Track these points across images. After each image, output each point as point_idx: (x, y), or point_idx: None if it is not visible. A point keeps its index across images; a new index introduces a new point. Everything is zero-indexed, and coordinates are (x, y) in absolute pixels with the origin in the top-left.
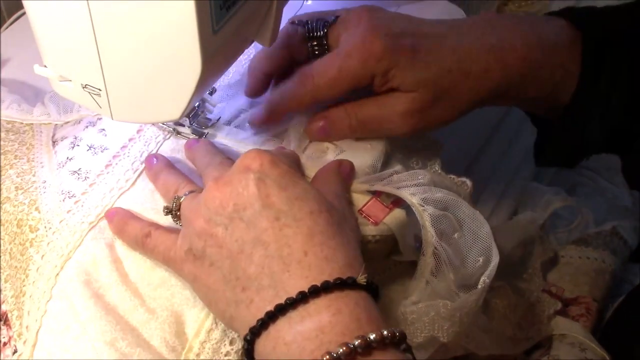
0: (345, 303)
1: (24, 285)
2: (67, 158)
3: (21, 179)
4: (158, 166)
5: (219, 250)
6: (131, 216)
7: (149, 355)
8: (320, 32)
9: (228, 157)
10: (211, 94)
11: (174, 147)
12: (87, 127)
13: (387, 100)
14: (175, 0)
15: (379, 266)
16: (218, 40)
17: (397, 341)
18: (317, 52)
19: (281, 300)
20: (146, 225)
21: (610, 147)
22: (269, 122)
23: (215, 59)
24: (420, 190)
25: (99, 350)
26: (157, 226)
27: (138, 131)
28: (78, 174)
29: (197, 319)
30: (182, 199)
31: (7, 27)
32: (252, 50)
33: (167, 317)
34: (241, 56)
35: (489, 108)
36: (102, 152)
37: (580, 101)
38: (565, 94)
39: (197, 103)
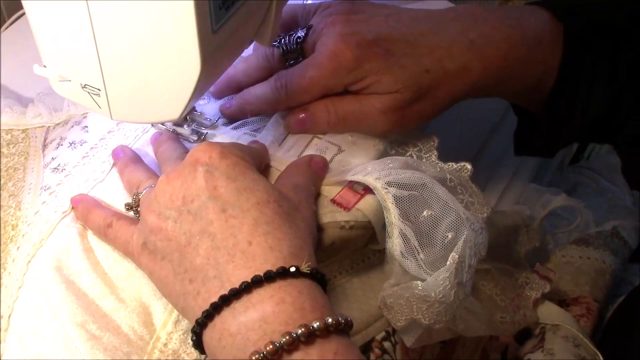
0: (289, 292)
1: (1, 278)
2: (52, 158)
3: (14, 187)
4: (123, 161)
5: (168, 243)
6: (95, 204)
7: (117, 340)
8: (296, 47)
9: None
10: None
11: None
12: (72, 126)
13: (368, 97)
14: (175, 0)
15: (358, 255)
16: (217, 40)
17: (343, 328)
18: (294, 66)
19: (225, 290)
20: (109, 215)
21: (591, 136)
22: (237, 117)
23: (214, 58)
24: (385, 174)
25: (69, 331)
26: (120, 216)
27: (118, 124)
28: (57, 169)
29: (164, 310)
30: (141, 195)
31: (7, 27)
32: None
33: (135, 307)
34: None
35: (488, 108)
36: (80, 146)
37: (561, 93)
38: (546, 88)
39: (197, 101)
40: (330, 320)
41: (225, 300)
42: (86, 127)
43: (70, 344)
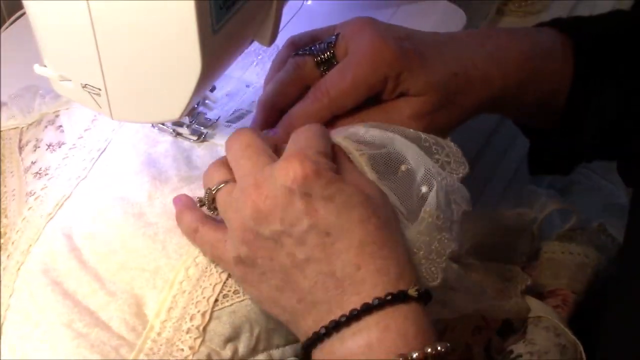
0: (394, 318)
1: None
2: (32, 162)
3: None
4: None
5: (270, 262)
6: (187, 206)
7: (106, 335)
8: (328, 53)
9: (271, 156)
10: (212, 90)
11: (132, 135)
12: (46, 126)
13: (395, 105)
14: (175, 0)
15: None
16: (218, 40)
17: (441, 356)
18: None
19: (335, 316)
20: (195, 219)
21: (605, 152)
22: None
23: (215, 58)
24: (351, 133)
25: (56, 332)
26: (205, 222)
27: (92, 121)
28: (39, 174)
29: (158, 299)
30: (214, 191)
31: (7, 27)
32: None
33: (126, 299)
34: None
35: None
36: (59, 147)
37: (575, 107)
38: (561, 101)
39: (198, 101)
40: (429, 350)
41: (335, 327)
42: (61, 126)
43: (57, 345)
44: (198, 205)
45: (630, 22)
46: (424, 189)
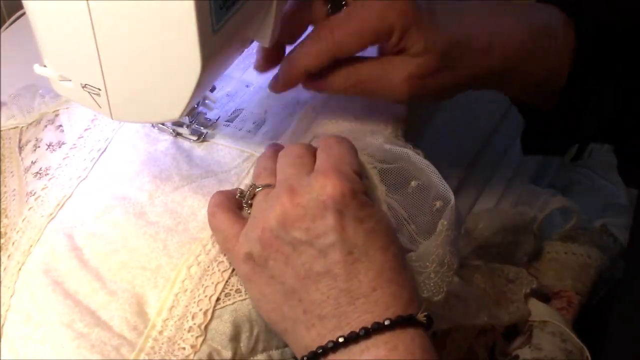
0: (402, 339)
1: None
2: (32, 162)
3: None
4: (272, 149)
5: (283, 267)
6: (223, 194)
7: (107, 335)
8: None
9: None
10: (212, 90)
11: (132, 135)
12: (46, 126)
13: (392, 62)
14: (175, 0)
15: None
16: (218, 40)
17: None
18: (336, 11)
19: (344, 332)
20: (214, 203)
21: (603, 136)
22: (287, 85)
23: (215, 58)
24: (363, 145)
25: (56, 332)
26: (225, 208)
27: (92, 120)
28: (40, 174)
29: (159, 298)
30: (257, 189)
31: (7, 27)
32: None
33: (128, 298)
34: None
35: (489, 109)
36: (59, 147)
37: (574, 88)
38: (560, 80)
39: (198, 101)
40: None
41: (344, 342)
42: (60, 126)
43: (58, 346)
44: (238, 195)
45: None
46: (438, 204)
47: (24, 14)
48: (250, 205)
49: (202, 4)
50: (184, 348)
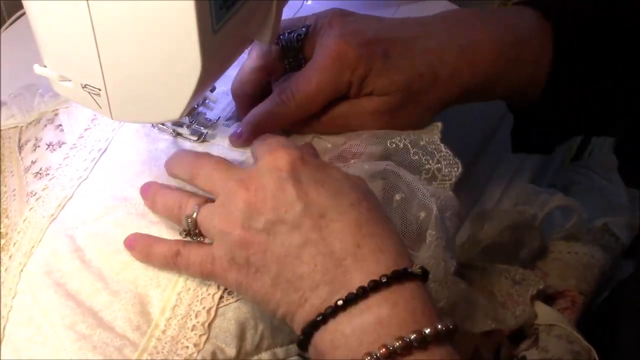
0: (402, 295)
1: None
2: (32, 162)
3: None
4: (151, 191)
5: (263, 255)
6: (154, 240)
7: (109, 336)
8: (295, 44)
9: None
10: (212, 90)
11: (132, 135)
12: (45, 125)
13: (359, 101)
14: (175, 0)
15: None
16: (218, 40)
17: (450, 334)
18: (293, 65)
19: (341, 295)
20: (172, 244)
21: (586, 130)
22: (249, 142)
23: (215, 58)
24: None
25: (58, 334)
26: (184, 243)
27: (92, 120)
28: (40, 174)
29: (162, 297)
30: (194, 215)
31: (7, 27)
32: None
33: (130, 298)
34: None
35: (488, 110)
36: (59, 147)
37: (555, 88)
38: (540, 85)
39: (198, 101)
40: (439, 326)
41: (343, 305)
42: (60, 125)
43: (60, 347)
44: (182, 236)
45: (610, 3)
46: (422, 214)
47: (24, 14)
48: (200, 234)
49: (202, 4)
50: (187, 347)
